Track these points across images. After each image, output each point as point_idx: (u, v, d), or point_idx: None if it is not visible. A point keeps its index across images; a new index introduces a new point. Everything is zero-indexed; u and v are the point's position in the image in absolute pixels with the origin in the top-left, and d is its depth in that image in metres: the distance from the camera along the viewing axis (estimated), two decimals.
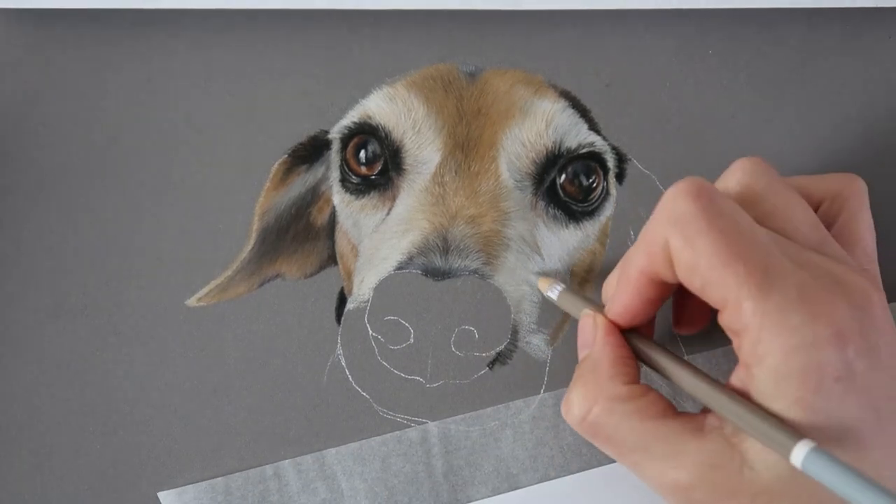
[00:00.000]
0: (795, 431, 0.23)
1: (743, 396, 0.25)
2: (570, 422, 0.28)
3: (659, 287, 0.27)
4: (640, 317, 0.28)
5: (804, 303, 0.23)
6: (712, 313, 0.31)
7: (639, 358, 0.29)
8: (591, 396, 0.27)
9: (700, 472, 0.25)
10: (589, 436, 0.28)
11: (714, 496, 0.25)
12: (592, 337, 0.29)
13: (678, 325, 0.33)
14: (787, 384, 0.23)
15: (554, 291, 0.33)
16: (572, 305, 0.32)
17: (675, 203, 0.25)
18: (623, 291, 0.28)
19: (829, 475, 0.21)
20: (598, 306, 0.30)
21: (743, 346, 0.24)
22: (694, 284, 0.25)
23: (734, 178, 0.29)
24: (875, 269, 0.29)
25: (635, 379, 0.28)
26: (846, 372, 0.23)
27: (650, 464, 0.26)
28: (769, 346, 0.23)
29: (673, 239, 0.25)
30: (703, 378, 0.26)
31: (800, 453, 0.22)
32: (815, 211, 0.30)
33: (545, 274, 0.34)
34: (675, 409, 0.27)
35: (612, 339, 0.29)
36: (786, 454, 0.23)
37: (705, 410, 0.27)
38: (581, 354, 0.30)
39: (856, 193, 0.30)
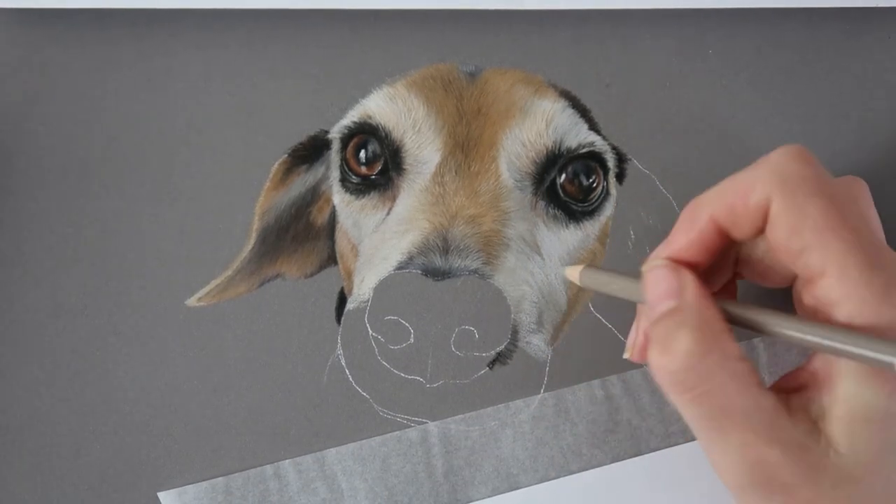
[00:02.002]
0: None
1: (827, 377, 0.24)
2: (668, 369, 0.25)
3: (719, 242, 0.26)
4: (689, 263, 0.26)
5: None
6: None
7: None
8: (707, 345, 0.24)
9: (791, 451, 0.24)
10: (683, 390, 0.25)
11: (798, 479, 0.24)
12: (676, 288, 0.26)
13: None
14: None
15: (575, 273, 0.30)
16: (615, 281, 0.29)
17: (783, 164, 0.24)
18: (681, 233, 0.26)
19: None
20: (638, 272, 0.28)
21: (837, 317, 0.23)
22: (791, 248, 0.24)
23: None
24: None
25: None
26: None
27: (743, 435, 0.24)
28: (868, 319, 0.23)
29: (779, 199, 0.24)
30: (800, 318, 0.25)
31: None
32: None
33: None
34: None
35: (707, 293, 0.26)
36: (890, 365, 0.22)
37: (784, 390, 0.26)
38: (660, 307, 0.26)
39: (863, 194, 0.30)
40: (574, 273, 0.30)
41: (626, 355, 0.29)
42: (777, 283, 0.27)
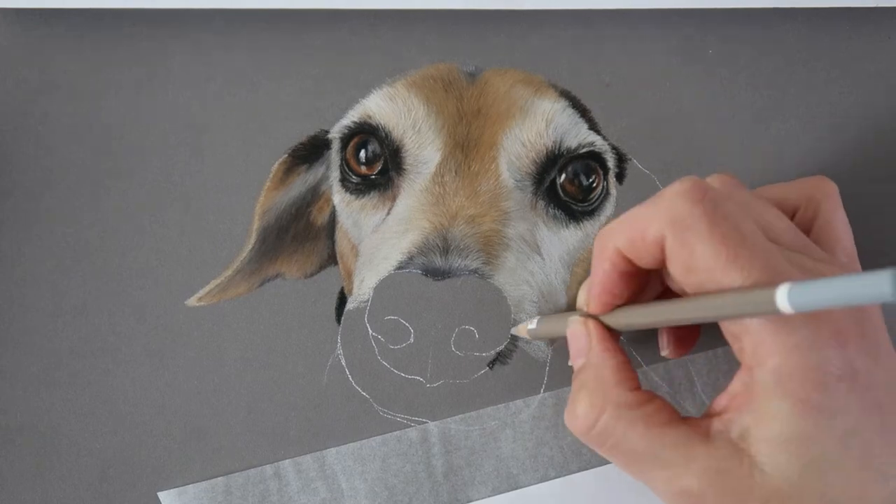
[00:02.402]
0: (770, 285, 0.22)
1: (746, 399, 0.25)
2: (577, 432, 0.27)
3: (636, 270, 0.27)
4: (619, 297, 0.28)
5: None
6: (700, 330, 0.31)
7: (631, 325, 0.28)
8: (599, 405, 0.27)
9: (710, 477, 0.25)
10: (596, 445, 0.27)
11: (726, 501, 0.25)
12: (587, 344, 0.28)
13: (667, 348, 0.32)
14: (790, 384, 0.23)
15: (533, 323, 0.32)
16: (556, 324, 0.31)
17: (675, 202, 0.25)
18: (598, 267, 0.28)
19: (819, 295, 0.20)
20: (580, 311, 0.30)
21: (745, 348, 0.24)
22: (689, 284, 0.25)
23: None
24: (857, 267, 0.29)
25: (638, 385, 0.28)
26: (848, 370, 0.23)
27: (659, 472, 0.26)
28: (771, 347, 0.23)
29: (671, 239, 0.25)
30: (679, 299, 0.26)
31: (783, 293, 0.21)
32: (791, 218, 0.30)
33: (514, 322, 0.34)
34: (680, 416, 0.27)
35: (609, 343, 0.28)
36: (772, 305, 0.22)
37: (709, 415, 0.26)
38: (576, 363, 0.29)
39: (828, 195, 0.30)
40: (522, 330, 0.33)
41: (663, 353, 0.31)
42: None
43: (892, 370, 0.24)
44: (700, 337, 0.32)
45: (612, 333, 0.29)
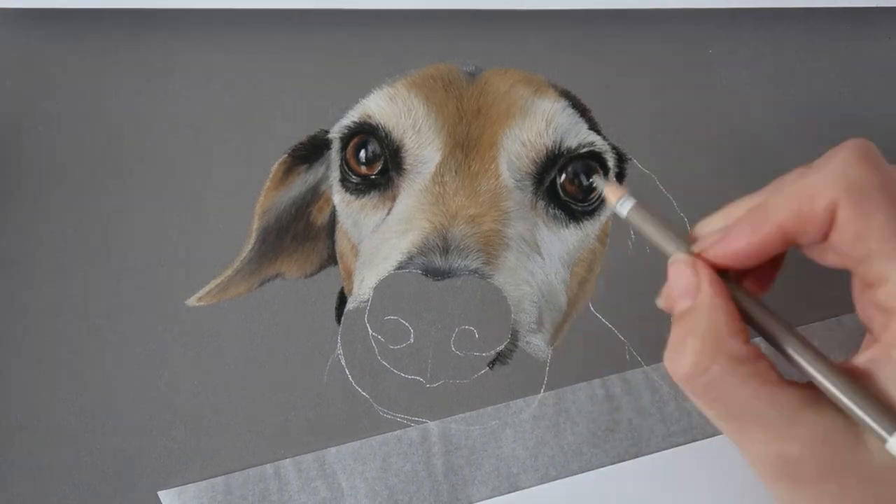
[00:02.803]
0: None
1: (865, 377, 0.24)
2: (679, 378, 0.26)
3: (782, 245, 0.26)
4: (745, 265, 0.26)
5: None
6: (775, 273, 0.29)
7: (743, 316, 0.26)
8: (711, 353, 0.25)
9: (812, 446, 0.24)
10: (698, 395, 0.25)
11: (821, 473, 0.24)
12: (694, 286, 0.26)
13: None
14: None
15: (625, 206, 0.28)
16: (651, 228, 0.28)
17: (850, 167, 0.24)
18: (743, 235, 0.26)
19: None
20: (687, 242, 0.27)
21: (891, 325, 0.23)
22: (854, 254, 0.24)
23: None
24: None
25: (749, 338, 0.26)
26: None
27: (759, 432, 0.24)
28: None
29: (846, 204, 0.24)
30: (810, 350, 0.25)
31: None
32: None
33: (609, 181, 0.31)
34: (786, 379, 0.25)
35: (723, 291, 0.26)
36: (883, 439, 0.22)
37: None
38: (679, 305, 0.26)
39: None
40: (613, 195, 0.28)
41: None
42: (831, 264, 0.27)
43: None
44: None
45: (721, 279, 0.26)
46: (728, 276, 0.26)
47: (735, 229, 0.26)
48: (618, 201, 0.28)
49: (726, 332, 0.25)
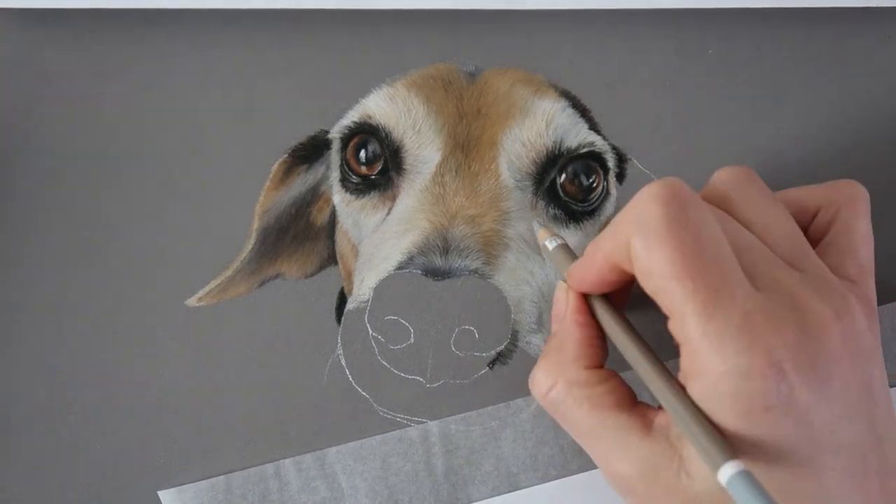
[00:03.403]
0: (730, 449, 0.23)
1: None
2: (534, 395, 0.29)
3: (619, 273, 0.27)
4: (601, 291, 0.29)
5: (745, 331, 0.23)
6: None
7: (603, 329, 0.29)
8: (553, 375, 0.28)
9: (641, 468, 0.26)
10: (549, 411, 0.29)
11: (652, 493, 0.26)
12: (563, 311, 0.29)
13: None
14: (717, 404, 0.24)
15: (552, 243, 0.32)
16: (562, 264, 0.31)
17: (643, 205, 0.25)
18: (584, 267, 0.28)
19: (748, 500, 0.22)
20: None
21: (683, 357, 0.25)
22: (647, 287, 0.25)
23: (714, 186, 0.28)
24: (867, 280, 0.28)
25: (599, 363, 0.28)
26: (783, 402, 0.23)
27: (598, 450, 0.27)
28: (705, 366, 0.23)
29: (634, 240, 0.25)
30: (660, 370, 0.26)
31: (726, 472, 0.22)
32: (811, 221, 0.30)
33: (545, 225, 0.33)
34: (633, 400, 0.27)
35: (581, 318, 0.29)
36: (714, 469, 0.23)
37: (660, 407, 0.27)
38: (553, 326, 0.30)
39: (851, 201, 0.29)
40: (544, 235, 0.32)
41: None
42: None
43: (843, 404, 0.24)
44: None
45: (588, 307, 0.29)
46: (606, 297, 0.29)
47: (582, 260, 0.29)
48: (545, 240, 0.32)
49: (570, 357, 0.28)
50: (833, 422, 0.24)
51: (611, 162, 0.36)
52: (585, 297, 0.29)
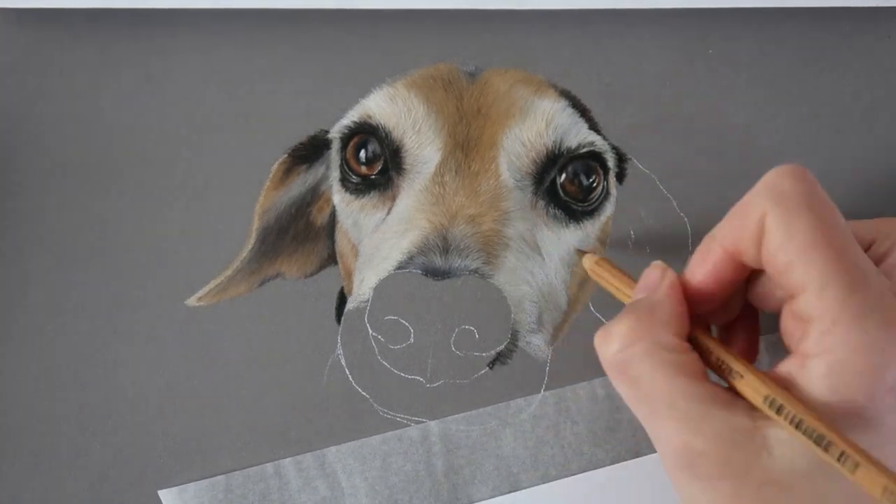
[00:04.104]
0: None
1: (786, 384, 0.25)
2: (601, 350, 0.27)
3: (732, 270, 0.27)
4: (704, 294, 0.28)
5: (883, 308, 0.23)
6: (756, 348, 0.31)
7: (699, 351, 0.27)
8: (638, 334, 0.26)
9: (718, 443, 0.24)
10: (615, 371, 0.27)
11: (722, 471, 0.24)
12: (656, 284, 0.28)
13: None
14: (842, 380, 0.23)
15: (592, 260, 0.32)
16: (614, 276, 0.30)
17: (780, 180, 0.25)
18: (698, 262, 0.27)
19: None
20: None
21: (809, 334, 0.24)
22: (778, 262, 0.24)
23: None
24: None
25: (684, 336, 0.27)
26: None
27: (667, 421, 0.25)
28: (838, 340, 0.23)
29: (772, 213, 0.24)
30: (764, 377, 0.25)
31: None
32: (866, 251, 0.30)
33: (582, 250, 0.33)
34: (708, 377, 0.26)
35: (678, 293, 0.27)
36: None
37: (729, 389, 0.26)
38: (637, 295, 0.28)
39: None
40: (589, 262, 0.32)
41: None
42: (774, 307, 0.27)
43: None
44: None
45: (684, 287, 0.28)
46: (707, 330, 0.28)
47: (692, 259, 0.28)
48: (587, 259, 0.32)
49: (661, 319, 0.26)
50: None
51: (611, 162, 0.36)
52: (695, 328, 0.28)
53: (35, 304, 0.36)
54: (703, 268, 0.27)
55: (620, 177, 0.37)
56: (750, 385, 0.25)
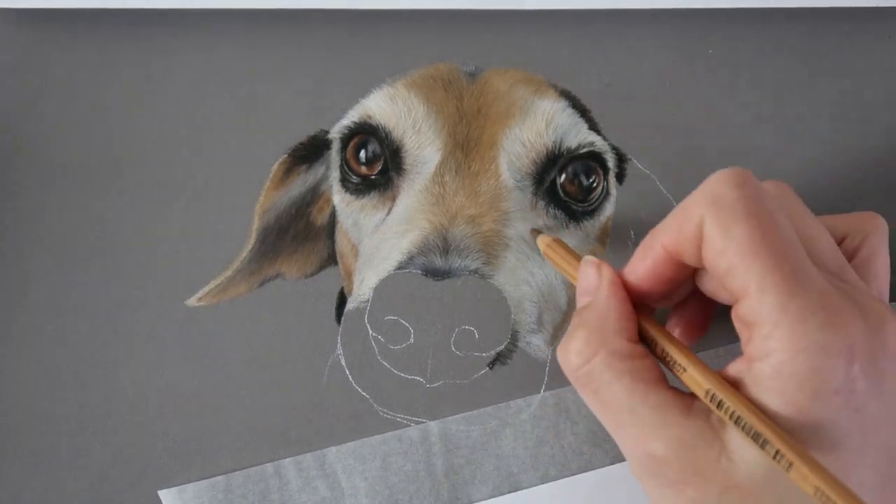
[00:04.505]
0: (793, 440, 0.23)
1: (735, 385, 0.25)
2: (565, 368, 0.28)
3: (674, 268, 0.27)
4: (646, 290, 0.28)
5: (824, 310, 0.23)
6: (707, 322, 0.31)
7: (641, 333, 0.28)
8: (594, 347, 0.27)
9: (678, 449, 0.25)
10: (580, 385, 0.27)
11: (684, 477, 0.25)
12: (595, 285, 0.28)
13: (675, 331, 0.32)
14: (787, 383, 0.23)
15: (544, 242, 0.32)
16: (566, 261, 0.31)
17: (717, 185, 0.25)
18: (639, 259, 0.28)
19: None
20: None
21: (753, 338, 0.24)
22: (718, 268, 0.25)
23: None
24: (888, 306, 0.28)
25: (636, 338, 0.27)
26: (847, 387, 0.23)
27: (631, 428, 0.26)
28: (780, 343, 0.23)
29: (709, 219, 0.25)
30: (707, 370, 0.26)
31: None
32: (839, 245, 0.30)
33: (538, 229, 0.33)
34: (667, 381, 0.27)
35: (619, 291, 0.28)
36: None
37: (691, 394, 0.26)
38: (581, 301, 0.29)
39: (877, 231, 0.30)
40: (543, 242, 0.33)
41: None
42: (726, 301, 0.28)
43: (889, 405, 0.24)
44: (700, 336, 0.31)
45: (623, 281, 0.28)
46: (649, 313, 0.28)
47: (634, 255, 0.28)
48: (544, 242, 0.32)
49: (612, 328, 0.27)
50: (879, 418, 0.24)
51: (611, 162, 0.36)
52: (639, 316, 0.28)
53: (35, 304, 0.36)
54: (644, 264, 0.27)
55: (620, 177, 0.37)
56: (692, 378, 0.25)
